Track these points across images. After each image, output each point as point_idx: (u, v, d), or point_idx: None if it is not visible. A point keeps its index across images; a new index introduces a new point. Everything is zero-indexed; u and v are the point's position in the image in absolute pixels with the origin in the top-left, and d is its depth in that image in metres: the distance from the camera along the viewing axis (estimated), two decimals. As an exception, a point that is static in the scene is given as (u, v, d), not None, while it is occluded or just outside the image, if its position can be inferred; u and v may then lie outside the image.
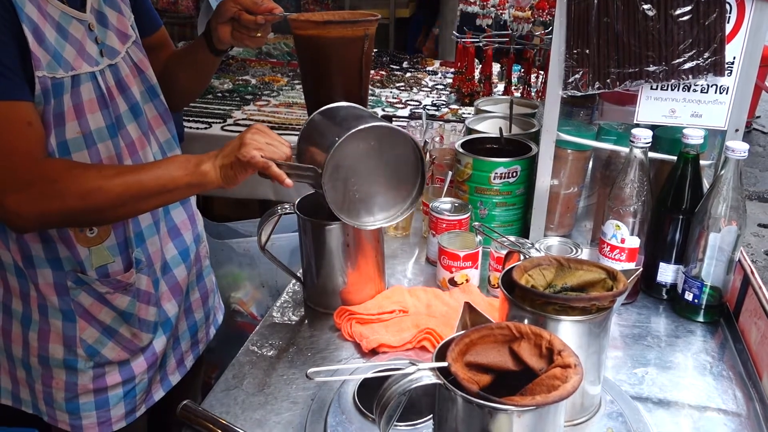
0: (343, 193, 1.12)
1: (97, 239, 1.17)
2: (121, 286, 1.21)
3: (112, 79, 1.16)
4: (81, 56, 1.10)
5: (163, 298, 1.31)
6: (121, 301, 1.22)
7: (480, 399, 0.78)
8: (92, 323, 1.20)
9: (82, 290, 1.18)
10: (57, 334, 1.19)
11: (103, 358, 1.23)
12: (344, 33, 1.26)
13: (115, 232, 1.19)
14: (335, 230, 1.24)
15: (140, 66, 1.25)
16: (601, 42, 1.26)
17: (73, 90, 1.08)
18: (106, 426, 1.26)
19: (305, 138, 1.17)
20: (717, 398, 1.10)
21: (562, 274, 1.03)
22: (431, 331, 1.20)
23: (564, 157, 1.46)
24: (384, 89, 3.20)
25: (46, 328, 1.19)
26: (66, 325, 1.19)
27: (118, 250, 1.20)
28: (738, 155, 1.19)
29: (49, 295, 1.17)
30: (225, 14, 1.26)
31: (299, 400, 1.08)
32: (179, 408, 1.03)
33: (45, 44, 1.03)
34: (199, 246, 1.40)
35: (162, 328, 1.31)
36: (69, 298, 1.18)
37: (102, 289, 1.19)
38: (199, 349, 1.46)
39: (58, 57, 1.06)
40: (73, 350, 1.20)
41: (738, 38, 1.25)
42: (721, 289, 1.28)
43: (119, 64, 1.18)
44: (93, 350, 1.21)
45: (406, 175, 1.15)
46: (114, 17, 1.20)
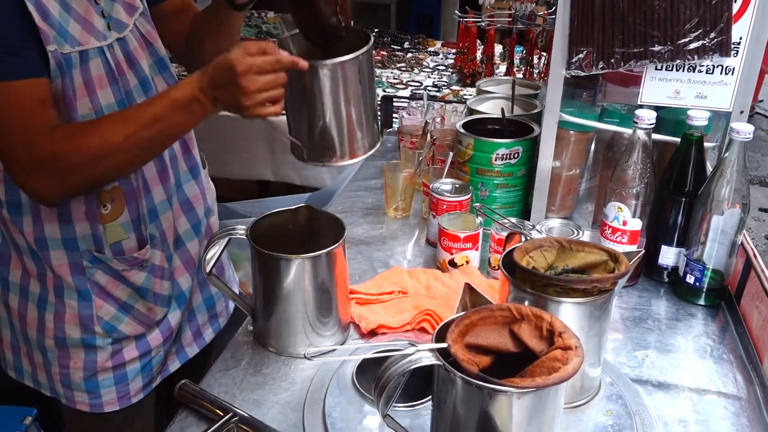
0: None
1: (110, 216, 1.16)
2: (137, 262, 1.21)
3: (120, 53, 1.14)
4: (87, 31, 1.08)
5: (177, 272, 1.31)
6: (137, 278, 1.22)
7: (479, 380, 0.77)
8: (108, 301, 1.21)
9: (98, 269, 1.18)
10: (73, 315, 1.19)
11: (120, 333, 1.23)
12: None
13: (129, 207, 1.18)
14: (295, 265, 1.07)
15: (148, 38, 1.22)
16: (606, 21, 1.24)
17: (82, 66, 1.07)
18: (125, 400, 1.27)
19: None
20: (717, 381, 1.10)
21: (564, 256, 1.02)
22: (431, 312, 1.19)
23: (566, 138, 1.44)
24: (385, 69, 3.18)
25: (62, 310, 1.19)
26: (82, 304, 1.19)
27: (132, 227, 1.20)
28: (743, 137, 1.18)
29: (64, 275, 1.17)
30: None
31: (297, 380, 1.08)
32: (177, 387, 1.03)
33: (50, 19, 1.01)
34: (210, 219, 1.39)
35: (176, 301, 1.32)
36: (85, 277, 1.18)
37: (119, 266, 1.19)
38: (219, 323, 1.45)
39: (63, 32, 1.04)
40: (90, 329, 1.20)
41: (745, 18, 1.23)
42: (722, 273, 1.27)
43: (127, 37, 1.16)
44: (111, 327, 1.22)
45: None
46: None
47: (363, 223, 1.59)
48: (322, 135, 1.11)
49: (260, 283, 1.12)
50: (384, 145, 2.09)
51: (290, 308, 1.11)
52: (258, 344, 1.16)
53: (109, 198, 1.16)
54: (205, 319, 1.42)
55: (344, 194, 1.76)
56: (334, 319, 1.14)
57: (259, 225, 1.13)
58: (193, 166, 1.33)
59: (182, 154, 1.30)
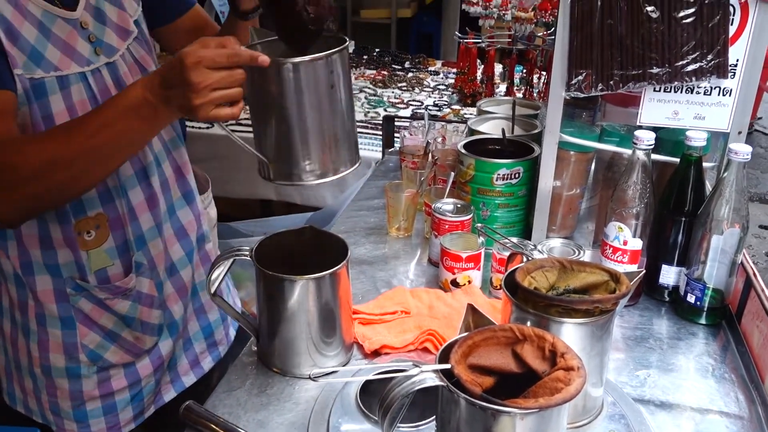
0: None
1: (95, 242, 1.15)
2: (120, 291, 1.19)
3: (109, 78, 1.12)
4: (68, 56, 1.06)
5: (169, 300, 1.29)
6: (121, 306, 1.20)
7: (483, 401, 0.78)
8: (93, 328, 1.19)
9: (82, 296, 1.16)
10: (57, 343, 1.18)
11: (106, 362, 1.22)
12: None
13: (114, 234, 1.17)
14: (299, 286, 1.08)
15: (142, 63, 1.20)
16: (605, 44, 1.26)
17: (63, 92, 1.05)
18: (115, 430, 1.25)
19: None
20: (719, 401, 1.10)
21: (565, 276, 1.03)
22: (433, 332, 1.20)
23: (566, 158, 1.46)
24: (386, 89, 3.21)
25: (45, 338, 1.18)
26: (65, 332, 1.18)
27: (117, 252, 1.18)
28: (741, 158, 1.19)
29: (47, 302, 1.16)
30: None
31: (301, 401, 1.08)
32: (181, 409, 1.03)
33: (20, 43, 1.00)
34: (205, 245, 1.38)
35: (168, 330, 1.30)
36: (69, 304, 1.16)
37: (101, 294, 1.17)
38: (219, 351, 1.43)
39: (36, 56, 1.02)
40: (74, 357, 1.19)
41: (741, 40, 1.25)
42: (723, 292, 1.28)
43: (117, 62, 1.14)
44: (95, 355, 1.20)
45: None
46: (114, 13, 1.16)
47: (365, 243, 1.61)
48: (289, 148, 1.02)
49: (264, 303, 1.13)
50: (386, 165, 2.11)
51: (294, 329, 1.11)
52: (262, 365, 1.16)
53: (93, 224, 1.14)
54: (203, 348, 1.40)
55: (346, 214, 1.77)
56: (337, 340, 1.15)
57: (263, 246, 1.14)
58: (187, 192, 1.31)
59: (176, 180, 1.28)
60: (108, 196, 1.15)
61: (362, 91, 3.17)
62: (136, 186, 1.19)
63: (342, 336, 1.16)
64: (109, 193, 1.15)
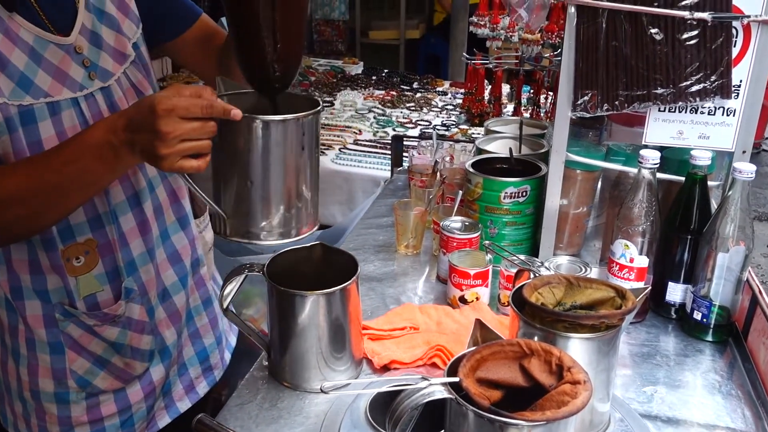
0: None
1: (84, 268, 1.14)
2: (108, 318, 1.17)
3: (103, 103, 1.11)
4: (60, 82, 1.05)
5: (161, 325, 1.27)
6: (110, 333, 1.19)
7: (491, 414, 0.80)
8: (82, 354, 1.18)
9: (71, 322, 1.15)
10: (46, 368, 1.17)
11: (95, 388, 1.20)
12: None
13: (104, 260, 1.15)
14: (310, 301, 1.10)
15: (139, 87, 1.18)
16: (610, 65, 1.29)
17: (53, 118, 1.04)
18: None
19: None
20: (726, 417, 1.11)
21: (572, 293, 1.05)
22: (442, 348, 1.21)
23: (573, 177, 1.48)
24: (394, 109, 3.24)
25: (34, 363, 1.17)
26: (54, 358, 1.17)
27: (107, 278, 1.16)
28: (745, 176, 1.21)
29: (36, 327, 1.15)
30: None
31: (312, 415, 1.10)
32: (194, 422, 1.05)
33: (7, 70, 0.99)
34: (200, 270, 1.35)
35: (160, 355, 1.28)
36: (58, 330, 1.15)
37: (89, 321, 1.16)
38: (215, 375, 1.42)
39: (26, 83, 1.01)
40: (63, 383, 1.18)
41: (744, 62, 1.27)
42: (729, 309, 1.29)
43: (112, 86, 1.13)
44: (84, 381, 1.19)
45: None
46: (111, 37, 1.14)
47: (375, 260, 1.63)
48: (250, 206, 0.99)
49: (276, 318, 1.15)
50: (395, 184, 2.14)
51: (305, 343, 1.13)
52: (273, 379, 1.18)
53: (82, 250, 1.13)
54: (198, 373, 1.38)
55: (356, 231, 1.80)
56: (347, 355, 1.17)
57: (275, 262, 1.16)
58: (182, 216, 1.29)
59: (170, 205, 1.27)
60: (98, 221, 1.14)
61: (371, 111, 3.20)
62: (127, 212, 1.18)
63: (352, 351, 1.18)
64: (99, 219, 1.14)
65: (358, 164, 2.60)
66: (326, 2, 5.89)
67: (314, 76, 3.77)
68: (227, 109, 0.90)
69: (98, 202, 1.13)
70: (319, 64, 4.09)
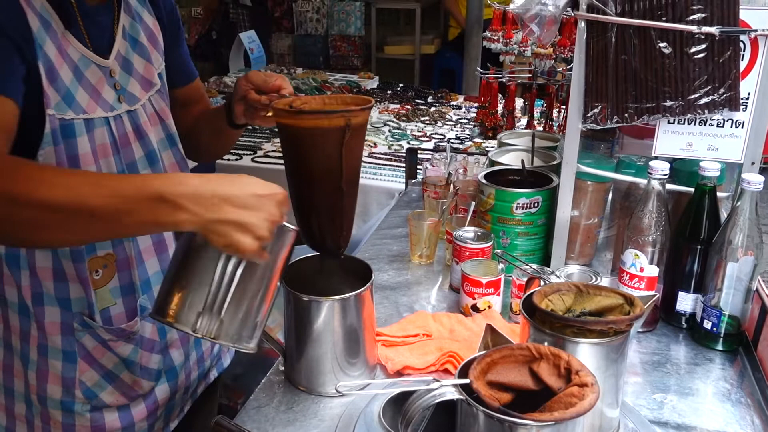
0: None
1: (101, 281, 1.17)
2: (125, 334, 1.20)
3: (129, 125, 1.17)
4: (95, 101, 1.11)
5: (172, 345, 1.29)
6: (123, 349, 1.21)
7: (501, 414, 0.82)
8: (93, 366, 1.20)
9: (87, 333, 1.17)
10: (56, 375, 1.18)
11: (101, 402, 1.21)
12: (318, 123, 1.07)
13: (120, 275, 1.18)
14: (326, 307, 1.14)
15: (161, 114, 1.25)
16: (619, 78, 1.32)
17: (89, 134, 1.09)
18: None
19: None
20: (735, 424, 1.12)
21: (581, 300, 1.07)
22: (454, 354, 1.24)
23: (584, 188, 1.50)
24: (409, 123, 3.28)
25: (44, 369, 1.18)
26: (66, 366, 1.18)
27: (120, 293, 1.19)
28: (753, 187, 1.23)
29: (52, 334, 1.16)
30: (238, 92, 1.28)
31: (326, 418, 1.13)
32: (212, 423, 1.08)
33: (56, 84, 1.04)
34: None
35: (166, 375, 1.29)
36: (73, 338, 1.17)
37: (106, 335, 1.18)
38: (197, 392, 1.43)
39: (69, 98, 1.07)
40: (71, 392, 1.19)
41: (752, 75, 1.29)
42: (739, 318, 1.31)
43: (138, 110, 1.19)
44: (91, 393, 1.20)
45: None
46: (141, 65, 1.22)
47: (389, 270, 1.66)
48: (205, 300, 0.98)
49: (293, 324, 1.18)
50: (409, 196, 2.17)
51: (320, 349, 1.16)
52: (289, 383, 1.21)
53: (101, 263, 1.16)
54: (191, 392, 1.40)
55: (371, 242, 1.83)
56: (361, 360, 1.20)
57: (291, 270, 1.20)
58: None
59: None
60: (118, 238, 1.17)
61: (386, 124, 3.25)
62: None
63: (366, 356, 1.20)
64: None
65: (373, 177, 2.64)
66: (342, 18, 5.97)
67: (330, 90, 3.83)
68: (262, 253, 0.95)
69: None
70: (335, 79, 4.15)
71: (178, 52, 1.35)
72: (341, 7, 5.96)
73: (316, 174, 1.09)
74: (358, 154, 1.15)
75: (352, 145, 1.10)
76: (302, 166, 1.10)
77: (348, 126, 1.07)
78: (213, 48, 4.86)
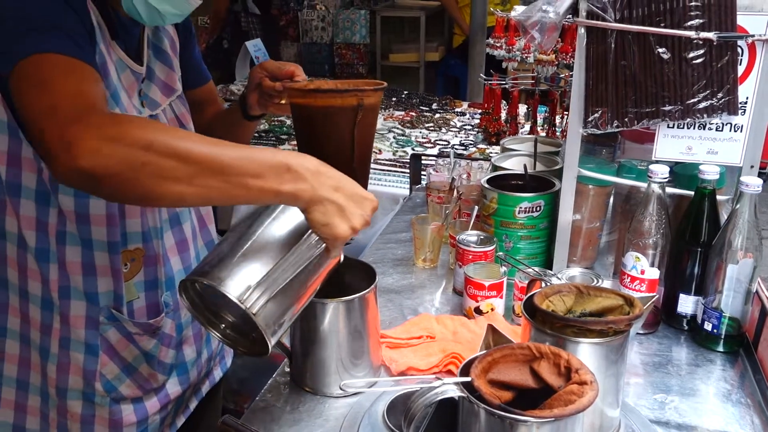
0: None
1: (128, 275, 1.21)
2: (150, 329, 1.24)
3: None
4: (126, 103, 1.16)
5: (186, 342, 1.33)
6: (147, 343, 1.24)
7: (501, 411, 0.84)
8: (114, 359, 1.22)
9: (113, 326, 1.20)
10: (77, 367, 1.20)
11: (119, 394, 1.24)
12: (332, 102, 1.10)
13: (146, 270, 1.22)
14: (331, 308, 1.16)
15: (181, 119, 1.30)
16: (619, 83, 1.34)
17: None
18: None
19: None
20: (735, 424, 1.14)
21: (582, 301, 1.09)
22: (457, 355, 1.25)
23: (585, 192, 1.52)
24: (414, 129, 3.30)
25: (65, 361, 1.20)
26: (88, 358, 1.20)
27: (144, 287, 1.23)
28: (752, 190, 1.25)
29: (77, 327, 1.18)
30: (253, 80, 1.32)
31: (331, 418, 1.14)
32: (219, 422, 1.10)
33: (107, 81, 1.10)
34: None
35: (176, 370, 1.33)
36: (97, 332, 1.19)
37: (132, 329, 1.22)
38: (202, 391, 1.46)
39: (116, 97, 1.13)
40: (91, 384, 1.21)
41: (750, 79, 1.31)
42: (739, 320, 1.32)
43: (159, 115, 1.24)
44: (111, 386, 1.23)
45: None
46: (163, 72, 1.26)
47: (393, 273, 1.68)
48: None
49: (298, 326, 1.20)
50: (413, 201, 2.19)
51: (325, 350, 1.18)
52: (294, 384, 1.23)
53: (130, 257, 1.20)
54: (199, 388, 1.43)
55: (375, 246, 1.85)
56: (366, 361, 1.22)
57: None
58: (208, 241, 1.39)
59: (200, 229, 1.36)
60: (148, 234, 1.22)
61: (391, 131, 3.27)
62: (169, 230, 1.28)
63: (370, 357, 1.22)
64: (149, 232, 1.22)
65: (377, 182, 2.66)
66: (347, 26, 6.01)
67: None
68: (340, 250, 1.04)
69: (150, 217, 1.21)
70: (340, 86, 4.18)
71: (191, 54, 1.38)
72: (346, 15, 6.00)
73: (329, 154, 1.08)
74: (370, 136, 1.17)
75: (365, 125, 1.12)
76: (315, 146, 1.11)
77: (360, 105, 1.10)
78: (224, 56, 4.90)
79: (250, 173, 0.90)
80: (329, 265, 1.07)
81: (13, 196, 1.11)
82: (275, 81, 1.30)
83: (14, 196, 1.11)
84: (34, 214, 1.12)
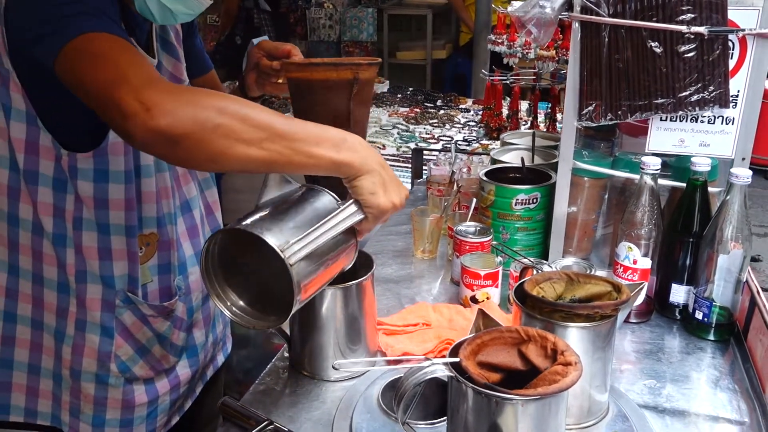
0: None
1: (143, 258, 1.24)
2: (165, 311, 1.27)
3: None
4: None
5: (196, 325, 1.36)
6: (161, 325, 1.28)
7: (488, 390, 0.87)
8: (129, 341, 1.25)
9: (128, 309, 1.23)
10: (92, 349, 1.22)
11: (133, 375, 1.27)
12: (328, 75, 1.14)
13: (160, 254, 1.26)
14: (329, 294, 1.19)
15: None
16: (613, 76, 1.36)
17: None
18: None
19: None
20: (721, 408, 1.16)
21: (572, 288, 1.12)
22: (452, 341, 1.28)
23: (581, 184, 1.55)
24: (418, 125, 3.34)
25: (81, 343, 1.22)
26: (103, 340, 1.22)
27: (158, 271, 1.26)
28: (742, 181, 1.27)
29: (92, 309, 1.21)
30: (251, 61, 1.35)
31: (328, 401, 1.18)
32: (219, 403, 1.14)
33: None
34: None
35: (186, 353, 1.36)
36: (112, 315, 1.22)
37: (147, 311, 1.25)
38: (207, 375, 1.49)
39: None
40: (106, 366, 1.24)
41: (741, 72, 1.33)
42: (730, 309, 1.34)
43: None
44: (125, 367, 1.26)
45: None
46: (170, 64, 1.29)
47: (393, 264, 1.71)
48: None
49: (297, 312, 1.23)
50: (415, 195, 2.22)
51: (323, 335, 1.22)
52: (293, 368, 1.26)
53: (145, 242, 1.23)
54: (203, 371, 1.45)
55: (376, 238, 1.88)
56: (362, 346, 1.25)
57: None
58: (214, 228, 1.42)
59: (206, 216, 1.40)
60: (163, 219, 1.25)
61: (395, 127, 3.30)
62: (181, 216, 1.32)
63: (367, 343, 1.26)
64: (164, 218, 1.26)
65: (381, 177, 2.69)
66: (355, 24, 6.05)
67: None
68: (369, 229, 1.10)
69: (165, 203, 1.25)
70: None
71: (192, 42, 1.40)
72: (353, 13, 6.04)
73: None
74: (364, 112, 1.22)
75: (359, 100, 1.17)
76: (312, 120, 1.11)
77: (356, 79, 1.15)
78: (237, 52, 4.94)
79: (312, 141, 0.98)
80: (352, 247, 1.10)
81: (31, 183, 1.15)
82: (272, 60, 1.32)
83: (31, 184, 1.15)
84: (51, 200, 1.16)
